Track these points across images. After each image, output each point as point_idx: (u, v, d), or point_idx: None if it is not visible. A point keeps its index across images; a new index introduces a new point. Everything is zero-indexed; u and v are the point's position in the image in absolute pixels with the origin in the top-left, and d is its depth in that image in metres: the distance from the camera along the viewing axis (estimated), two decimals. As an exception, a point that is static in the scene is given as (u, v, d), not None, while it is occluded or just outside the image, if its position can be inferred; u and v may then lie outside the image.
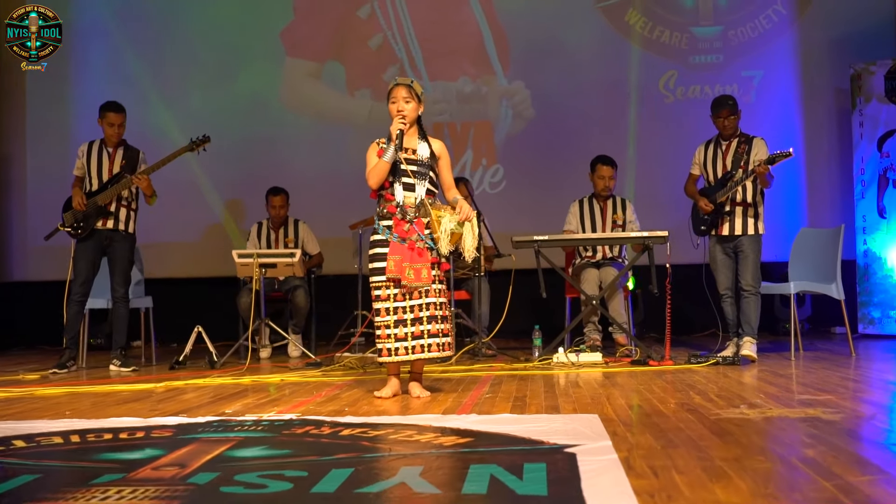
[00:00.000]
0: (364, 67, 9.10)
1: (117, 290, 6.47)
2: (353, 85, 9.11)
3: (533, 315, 7.98)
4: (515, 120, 8.95)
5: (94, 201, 6.37)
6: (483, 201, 8.70)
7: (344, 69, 9.11)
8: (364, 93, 9.09)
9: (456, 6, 9.11)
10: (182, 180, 8.82)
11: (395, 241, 4.50)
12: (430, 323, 4.50)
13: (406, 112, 4.55)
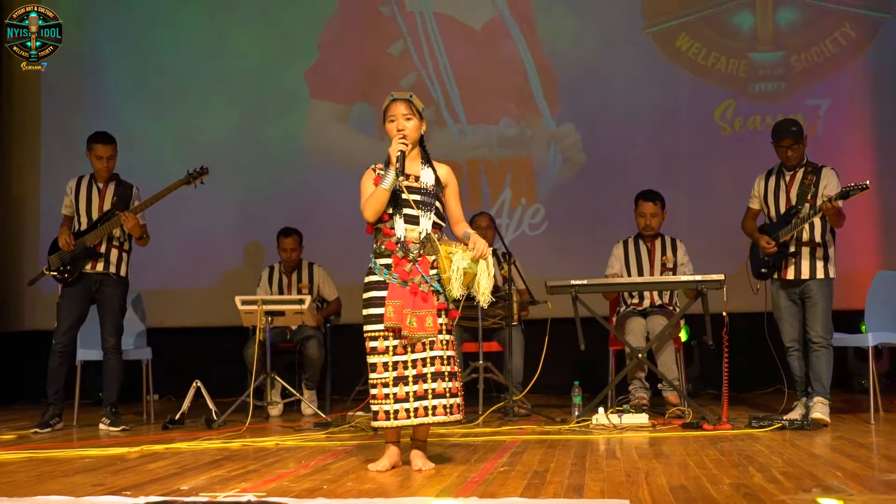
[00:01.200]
0: (396, 109, 8.40)
1: (108, 341, 5.85)
2: (383, 128, 8.36)
3: (573, 369, 7.21)
4: (566, 165, 8.18)
5: (82, 242, 5.78)
6: (522, 244, 8.03)
7: (373, 111, 8.42)
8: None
9: (497, 41, 8.38)
10: (195, 223, 8.23)
11: (394, 283, 3.81)
12: (434, 381, 3.79)
13: (407, 131, 3.88)
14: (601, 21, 8.25)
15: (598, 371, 6.78)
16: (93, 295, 5.85)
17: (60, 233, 5.80)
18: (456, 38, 8.42)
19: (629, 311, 6.26)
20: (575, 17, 8.30)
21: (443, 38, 8.42)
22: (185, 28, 8.62)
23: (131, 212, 5.77)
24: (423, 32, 8.44)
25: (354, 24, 8.51)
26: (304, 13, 8.56)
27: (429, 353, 3.80)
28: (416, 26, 8.44)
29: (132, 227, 5.75)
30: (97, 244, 5.80)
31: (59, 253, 5.79)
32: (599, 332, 6.17)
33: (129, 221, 5.73)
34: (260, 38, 8.56)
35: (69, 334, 5.80)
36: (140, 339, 6.57)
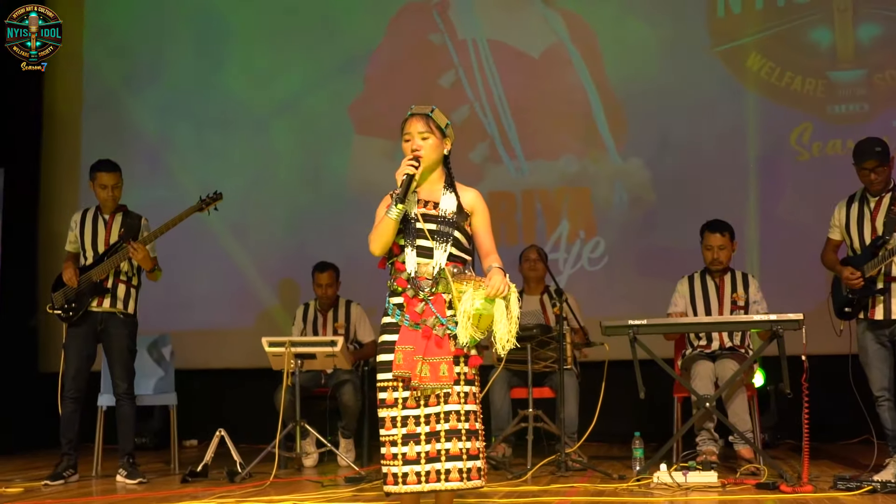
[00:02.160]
0: (447, 146, 7.85)
1: (118, 386, 5.43)
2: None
3: (634, 417, 6.59)
4: (633, 204, 7.57)
5: (87, 277, 5.39)
6: (581, 280, 7.48)
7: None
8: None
9: (557, 70, 7.81)
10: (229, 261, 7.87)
11: (406, 325, 3.30)
12: (449, 440, 3.25)
13: (422, 151, 3.38)
14: (667, 43, 7.65)
15: (662, 419, 6.15)
16: (98, 335, 5.45)
17: (65, 268, 5.44)
18: (512, 68, 7.87)
19: (696, 354, 5.64)
20: (640, 41, 7.70)
21: (497, 67, 7.87)
22: (226, 60, 8.24)
23: (140, 242, 5.37)
24: (476, 62, 7.90)
25: (402, 55, 8.03)
26: (348, 44, 8.10)
27: (443, 407, 3.26)
28: (468, 55, 7.92)
29: (142, 259, 5.35)
30: (104, 279, 5.41)
31: (63, 289, 5.42)
32: (664, 375, 5.56)
33: (139, 253, 5.32)
34: (302, 71, 8.13)
35: (79, 378, 5.40)
36: (165, 383, 6.16)
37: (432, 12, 8.03)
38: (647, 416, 6.48)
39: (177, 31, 8.33)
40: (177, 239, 7.41)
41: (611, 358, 5.63)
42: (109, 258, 5.41)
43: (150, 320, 7.39)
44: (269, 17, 8.23)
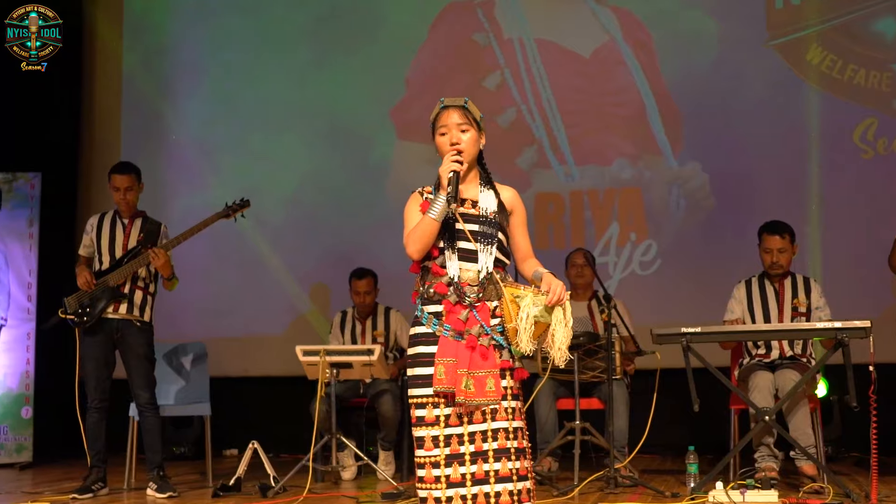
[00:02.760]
0: (492, 150, 7.44)
1: (140, 396, 5.23)
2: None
3: (688, 428, 6.28)
4: (688, 207, 7.23)
5: (104, 281, 5.20)
6: (632, 284, 7.18)
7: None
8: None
9: (609, 69, 7.47)
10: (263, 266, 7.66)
11: (446, 335, 3.03)
12: (498, 460, 2.99)
13: (463, 145, 3.12)
14: (723, 38, 7.29)
15: (718, 431, 5.83)
16: (115, 342, 5.25)
17: (79, 272, 5.24)
18: (561, 68, 7.53)
19: (754, 364, 5.32)
20: (695, 37, 7.35)
21: (546, 68, 7.54)
22: (265, 62, 8.00)
23: (161, 248, 5.17)
24: (522, 62, 7.58)
25: (445, 56, 7.74)
26: (390, 45, 7.81)
27: (490, 424, 3.00)
28: (514, 56, 7.60)
29: (163, 265, 5.16)
30: (121, 284, 5.21)
31: (77, 294, 5.22)
32: (720, 383, 5.23)
33: (160, 259, 5.13)
34: (342, 74, 7.82)
35: (101, 387, 5.21)
36: (198, 392, 5.96)
37: (476, 11, 7.73)
38: (703, 428, 6.18)
39: (218, 34, 8.11)
40: (211, 245, 7.31)
41: (663, 366, 5.33)
42: (128, 263, 5.22)
43: (183, 327, 7.31)
44: (310, 18, 7.98)
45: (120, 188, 5.32)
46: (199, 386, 5.99)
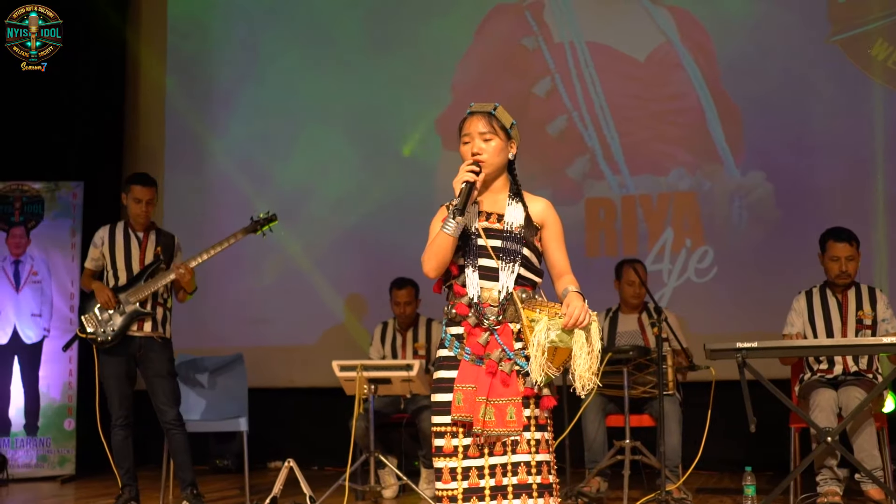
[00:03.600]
0: (542, 160, 7.18)
1: (166, 413, 5.07)
2: (528, 183, 7.17)
3: (747, 446, 5.96)
4: (750, 218, 6.88)
5: (125, 298, 5.05)
6: (688, 292, 6.89)
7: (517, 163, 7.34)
8: (542, 194, 7.05)
9: (665, 73, 7.13)
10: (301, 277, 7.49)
11: (466, 360, 2.82)
12: (517, 496, 2.76)
13: (484, 154, 2.90)
14: (785, 36, 6.95)
15: (778, 448, 5.49)
16: (136, 360, 5.10)
17: (96, 289, 5.07)
18: (614, 72, 7.23)
19: (815, 381, 5.00)
20: (756, 37, 7.00)
21: (598, 72, 7.23)
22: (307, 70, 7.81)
23: (186, 263, 5.03)
24: (573, 67, 7.28)
25: (493, 61, 7.46)
26: (435, 50, 7.56)
27: (510, 457, 2.78)
28: (565, 60, 7.30)
29: (189, 282, 5.02)
30: (143, 301, 5.07)
31: (93, 312, 5.06)
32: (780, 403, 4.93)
33: (188, 275, 4.99)
34: (385, 81, 7.59)
35: (125, 404, 5.06)
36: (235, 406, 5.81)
37: (525, 14, 7.45)
38: (762, 444, 5.84)
39: (262, 39, 7.95)
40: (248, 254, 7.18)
41: (719, 378, 5.03)
42: (148, 279, 5.07)
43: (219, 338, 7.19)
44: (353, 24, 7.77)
45: (142, 200, 5.16)
46: (237, 400, 5.83)
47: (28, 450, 6.86)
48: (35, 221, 7.09)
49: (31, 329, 6.99)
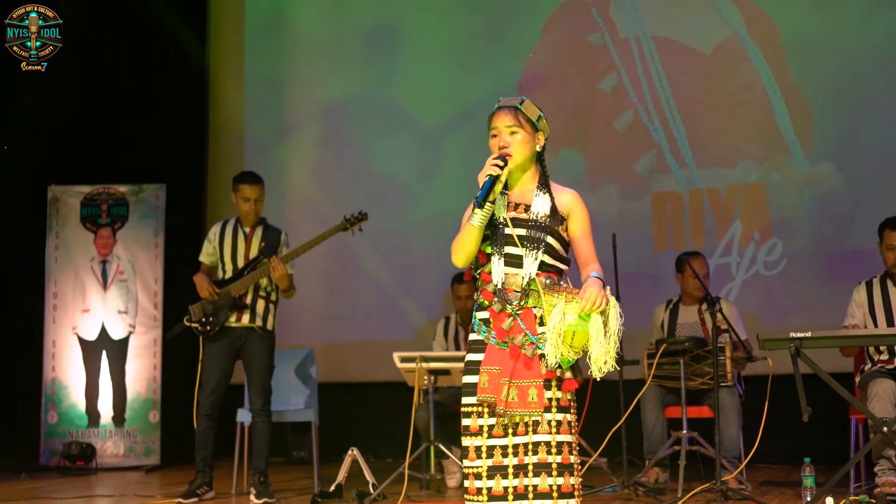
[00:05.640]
0: (609, 156, 7.29)
1: (254, 402, 5.33)
2: (595, 179, 7.30)
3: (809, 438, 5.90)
4: (820, 210, 6.83)
5: (226, 291, 5.30)
6: (757, 285, 6.88)
7: (584, 159, 7.36)
8: (609, 189, 7.25)
9: (732, 66, 7.12)
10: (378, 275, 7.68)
11: (492, 343, 2.94)
12: (538, 475, 2.86)
13: (511, 148, 3.01)
14: (855, 26, 6.89)
15: (840, 441, 5.47)
16: (237, 351, 5.35)
17: (199, 281, 5.35)
18: (680, 66, 7.23)
19: (875, 371, 4.96)
20: (825, 27, 6.95)
21: (664, 66, 7.25)
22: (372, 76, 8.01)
23: (281, 259, 5.23)
24: (640, 62, 7.32)
25: (559, 59, 7.53)
26: (502, 49, 7.66)
27: (531, 437, 2.88)
28: (631, 55, 7.34)
29: (280, 277, 5.22)
30: (243, 294, 5.30)
31: (201, 303, 5.35)
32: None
33: (278, 270, 5.19)
34: (454, 79, 7.72)
35: (215, 395, 5.32)
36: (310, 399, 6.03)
37: (590, 10, 7.51)
38: (826, 438, 5.80)
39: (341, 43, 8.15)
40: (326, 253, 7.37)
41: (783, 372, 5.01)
42: (249, 273, 5.31)
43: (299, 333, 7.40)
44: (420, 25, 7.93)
45: (250, 199, 5.41)
46: (308, 392, 6.05)
47: (116, 440, 7.20)
48: (121, 223, 7.43)
49: (118, 325, 7.32)
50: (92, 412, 7.23)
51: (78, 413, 7.24)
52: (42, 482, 6.37)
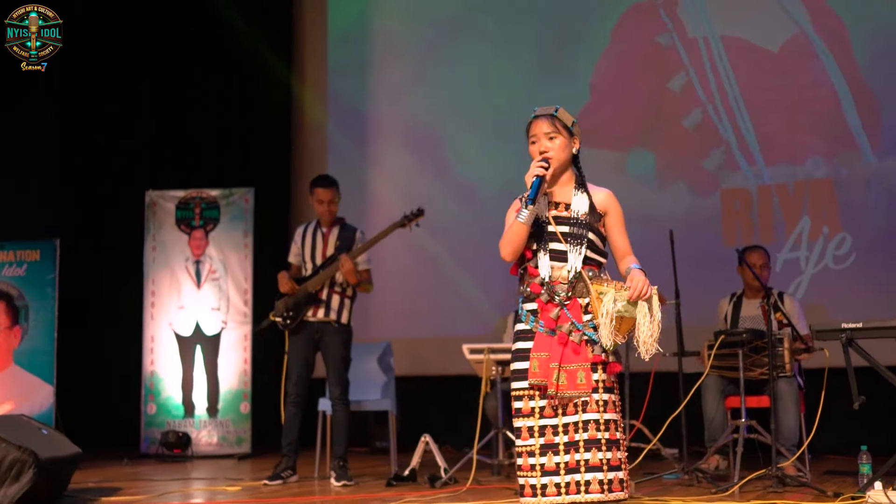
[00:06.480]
0: (679, 154, 7.50)
1: (333, 392, 5.70)
2: (665, 177, 7.52)
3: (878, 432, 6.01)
4: (892, 210, 6.91)
5: (304, 287, 5.68)
6: (825, 280, 7.02)
7: (654, 157, 7.58)
8: (679, 186, 7.46)
9: (799, 63, 7.26)
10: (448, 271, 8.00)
11: (541, 332, 3.22)
12: (588, 450, 3.14)
13: (551, 152, 3.29)
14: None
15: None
16: (316, 343, 5.72)
17: (280, 279, 5.74)
18: (748, 64, 7.41)
19: (931, 361, 5.08)
20: (891, 20, 7.04)
21: (732, 65, 7.43)
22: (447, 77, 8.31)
23: (349, 256, 5.58)
24: (708, 61, 7.51)
25: (629, 60, 7.77)
26: (573, 51, 7.92)
27: (581, 416, 3.16)
28: (699, 55, 7.54)
29: (347, 273, 5.55)
30: (319, 290, 5.66)
31: (283, 299, 5.73)
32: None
33: (345, 266, 5.53)
34: (526, 81, 7.98)
35: (300, 384, 5.69)
36: (387, 389, 6.36)
37: (659, 11, 7.72)
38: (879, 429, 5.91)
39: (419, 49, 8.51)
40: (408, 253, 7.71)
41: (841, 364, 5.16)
42: (324, 270, 5.67)
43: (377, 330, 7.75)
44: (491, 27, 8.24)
45: (324, 201, 5.77)
46: (386, 383, 6.38)
47: (210, 430, 7.66)
48: (213, 225, 7.88)
49: (211, 322, 7.79)
50: (187, 403, 7.70)
51: (174, 404, 7.73)
52: (142, 467, 6.86)
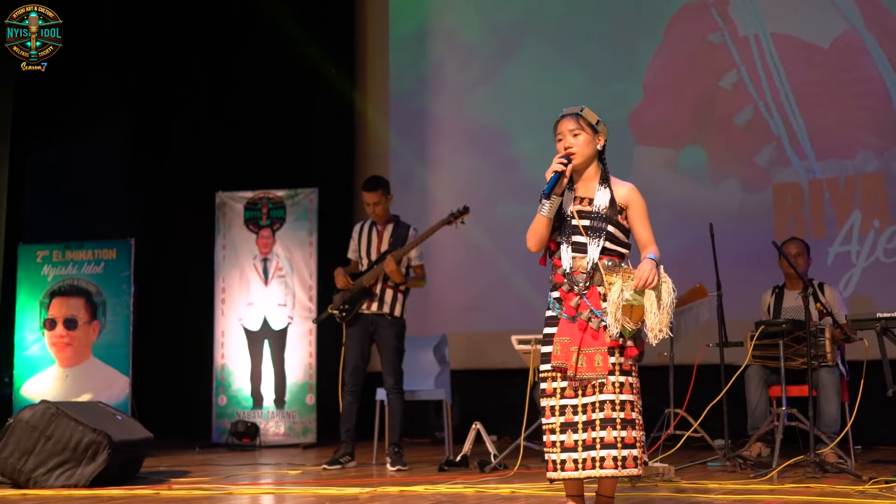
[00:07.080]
0: (731, 150, 7.62)
1: (387, 381, 5.97)
2: (717, 173, 7.65)
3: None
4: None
5: (359, 282, 5.98)
6: (877, 272, 7.09)
7: (706, 154, 7.72)
8: (731, 182, 7.58)
9: (850, 60, 7.33)
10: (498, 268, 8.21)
11: (564, 318, 3.45)
12: (604, 428, 3.35)
13: (575, 148, 3.51)
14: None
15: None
16: (371, 335, 6.00)
17: (336, 274, 6.03)
18: (799, 61, 7.51)
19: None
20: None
21: (783, 62, 7.54)
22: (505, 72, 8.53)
23: (393, 257, 5.85)
24: (759, 58, 7.62)
25: (681, 58, 7.93)
26: (625, 50, 8.10)
27: (598, 396, 3.37)
28: (750, 52, 7.66)
29: (391, 272, 5.83)
30: (372, 284, 5.94)
31: (340, 292, 6.02)
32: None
33: (389, 266, 5.82)
34: (580, 81, 8.17)
35: (356, 374, 5.98)
36: (442, 380, 6.62)
37: (710, 10, 7.85)
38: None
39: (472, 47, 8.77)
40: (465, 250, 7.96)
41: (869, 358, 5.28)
42: (377, 266, 5.96)
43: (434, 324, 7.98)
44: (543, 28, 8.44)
45: (370, 203, 6.07)
46: (441, 374, 6.64)
47: (277, 421, 8.01)
48: (279, 224, 8.23)
49: (278, 317, 8.14)
50: (256, 395, 8.07)
51: (244, 396, 8.10)
52: (213, 455, 7.23)
